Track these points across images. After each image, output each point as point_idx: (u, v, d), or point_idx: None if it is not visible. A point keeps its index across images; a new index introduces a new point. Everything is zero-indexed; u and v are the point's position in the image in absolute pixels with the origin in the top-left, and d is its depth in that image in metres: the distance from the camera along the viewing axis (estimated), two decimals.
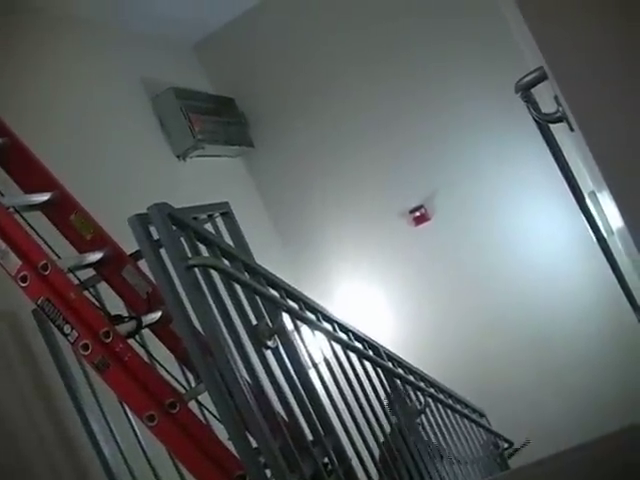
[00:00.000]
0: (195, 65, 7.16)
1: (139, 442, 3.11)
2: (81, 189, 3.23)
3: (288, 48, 7.03)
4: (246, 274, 2.85)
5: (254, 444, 2.42)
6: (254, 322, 2.80)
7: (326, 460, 2.88)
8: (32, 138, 3.22)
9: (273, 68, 7.09)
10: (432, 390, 4.47)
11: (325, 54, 6.95)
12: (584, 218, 3.47)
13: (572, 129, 1.99)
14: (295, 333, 3.09)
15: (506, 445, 5.66)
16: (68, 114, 4.79)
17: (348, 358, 3.45)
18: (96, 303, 2.93)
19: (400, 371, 4.04)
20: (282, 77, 7.08)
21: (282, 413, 2.81)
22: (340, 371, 3.30)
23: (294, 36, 7.02)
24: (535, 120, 2.96)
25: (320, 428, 2.93)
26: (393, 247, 6.87)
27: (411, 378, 4.18)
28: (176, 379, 2.98)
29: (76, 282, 2.91)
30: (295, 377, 2.89)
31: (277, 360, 2.83)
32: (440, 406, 4.52)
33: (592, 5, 1.75)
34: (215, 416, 2.59)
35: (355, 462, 3.05)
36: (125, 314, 2.94)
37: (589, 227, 3.51)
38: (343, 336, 3.51)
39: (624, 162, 1.75)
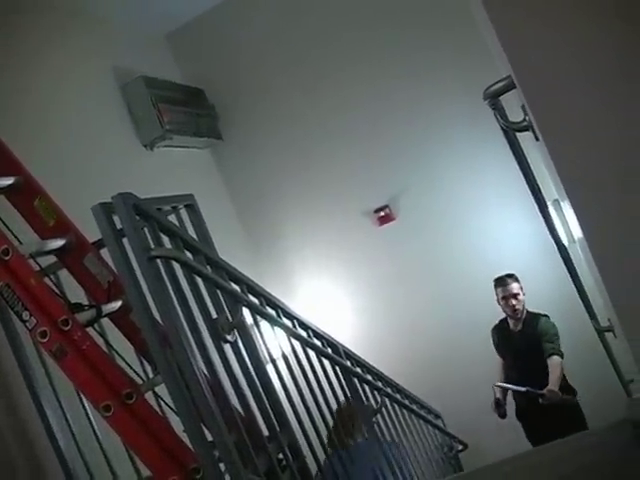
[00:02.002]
0: (167, 55, 7.13)
1: (94, 432, 3.09)
2: (46, 175, 3.21)
3: (261, 42, 7.02)
4: (208, 267, 2.85)
5: (209, 437, 2.43)
6: (214, 315, 2.80)
7: (281, 456, 2.89)
8: None
9: (245, 61, 7.08)
10: (389, 390, 4.49)
11: (298, 50, 6.95)
12: (546, 226, 3.51)
13: (537, 138, 2.02)
14: (255, 328, 3.09)
15: (460, 447, 5.71)
16: (36, 99, 4.75)
17: (307, 355, 3.46)
18: (56, 290, 2.91)
19: (358, 370, 4.06)
20: (253, 71, 7.07)
21: (239, 407, 2.81)
22: (298, 368, 3.31)
23: (267, 30, 7.01)
24: (502, 128, 2.99)
25: (276, 424, 2.94)
26: (357, 246, 6.90)
27: (369, 377, 4.20)
28: (134, 370, 2.97)
29: (37, 268, 2.89)
30: (253, 372, 2.89)
31: (235, 354, 2.83)
32: (396, 406, 4.55)
33: (560, 17, 1.77)
34: (171, 408, 2.59)
35: (309, 459, 3.06)
36: (85, 302, 2.93)
37: (550, 235, 3.55)
38: (303, 333, 3.52)
39: (585, 174, 1.78)
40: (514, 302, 5.69)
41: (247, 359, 2.89)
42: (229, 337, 2.76)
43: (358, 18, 6.77)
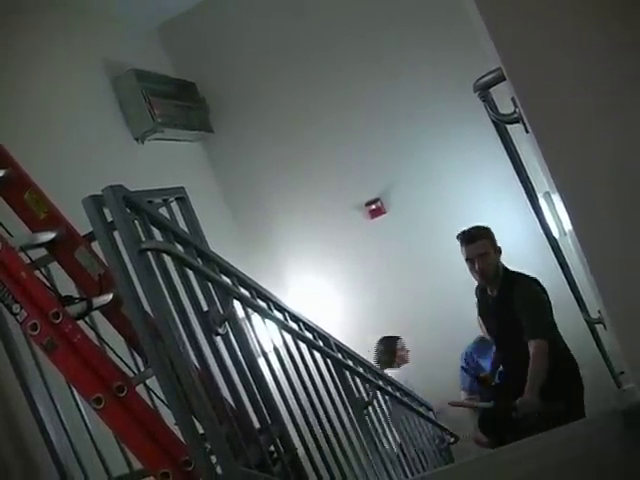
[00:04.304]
0: (158, 48, 7.11)
1: (86, 425, 3.08)
2: (37, 168, 3.20)
3: (252, 35, 7.00)
4: (199, 260, 2.85)
5: (201, 430, 2.43)
6: (205, 308, 2.80)
7: (272, 448, 2.90)
8: None
9: (236, 54, 7.06)
10: (380, 382, 4.49)
11: (290, 44, 6.93)
12: (536, 218, 3.51)
13: (527, 131, 2.02)
14: (246, 321, 3.09)
15: (452, 439, 5.72)
16: (27, 93, 4.74)
17: (298, 348, 3.46)
18: (47, 283, 2.91)
19: (349, 362, 4.06)
20: (244, 64, 7.06)
21: (230, 400, 2.81)
22: (289, 360, 3.31)
23: (259, 23, 6.99)
24: (492, 120, 2.99)
25: (267, 416, 2.94)
26: (348, 240, 6.90)
27: (360, 370, 4.21)
28: (125, 362, 2.97)
29: (28, 261, 2.88)
30: (244, 365, 2.90)
31: (227, 347, 2.83)
32: (388, 398, 4.55)
33: (549, 8, 1.77)
34: (163, 401, 2.59)
35: (301, 451, 3.06)
36: (76, 295, 2.92)
37: (541, 227, 3.56)
38: (294, 325, 3.52)
39: (575, 167, 1.78)
40: (481, 264, 4.56)
41: (238, 351, 2.89)
42: (220, 330, 2.76)
43: (352, 14, 6.76)
